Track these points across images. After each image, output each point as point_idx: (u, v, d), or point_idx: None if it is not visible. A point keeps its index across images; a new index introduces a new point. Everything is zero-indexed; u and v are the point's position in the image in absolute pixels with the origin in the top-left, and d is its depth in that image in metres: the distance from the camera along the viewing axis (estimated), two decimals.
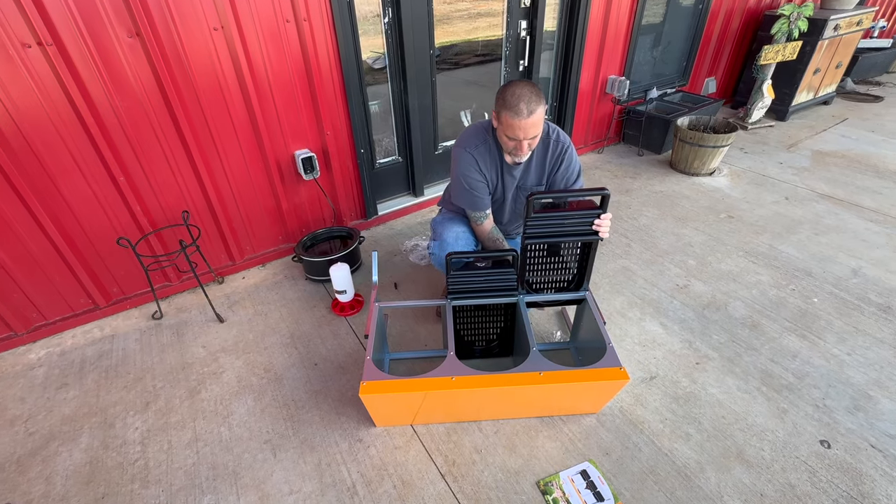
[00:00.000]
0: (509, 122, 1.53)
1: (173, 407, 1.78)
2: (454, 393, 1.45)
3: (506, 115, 1.53)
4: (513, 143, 1.60)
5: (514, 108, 1.51)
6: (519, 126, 1.53)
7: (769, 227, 2.78)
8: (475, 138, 1.74)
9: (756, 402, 1.74)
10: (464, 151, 1.74)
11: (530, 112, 1.51)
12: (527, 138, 1.56)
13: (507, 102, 1.51)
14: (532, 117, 1.52)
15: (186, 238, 2.20)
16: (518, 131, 1.54)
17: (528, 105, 1.51)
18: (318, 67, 2.21)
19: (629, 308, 2.19)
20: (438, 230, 1.88)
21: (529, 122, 1.52)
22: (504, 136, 1.61)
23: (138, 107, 1.88)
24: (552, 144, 1.75)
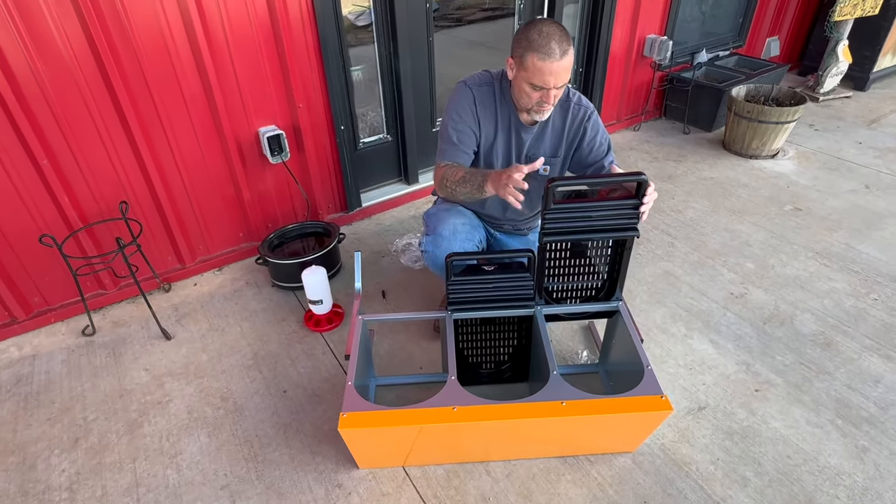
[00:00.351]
0: (537, 65, 1.52)
1: (109, 444, 1.78)
2: (456, 427, 1.45)
3: (532, 58, 1.52)
4: (538, 95, 1.59)
5: (543, 49, 1.50)
6: (550, 70, 1.52)
7: (845, 223, 2.78)
8: (482, 78, 1.75)
9: (829, 438, 1.73)
10: (463, 85, 1.75)
11: (563, 52, 1.51)
12: (557, 86, 1.56)
13: (534, 42, 1.51)
14: (565, 59, 1.52)
15: (125, 235, 2.20)
16: (548, 76, 1.53)
17: (561, 44, 1.50)
18: (287, 25, 2.21)
19: (672, 322, 2.19)
20: (432, 223, 1.88)
21: (562, 66, 1.52)
22: (526, 88, 1.59)
23: (66, 74, 1.88)
24: (572, 108, 1.75)
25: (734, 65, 4.11)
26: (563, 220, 1.51)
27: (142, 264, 2.29)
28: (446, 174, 1.70)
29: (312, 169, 2.61)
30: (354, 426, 1.42)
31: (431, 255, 1.85)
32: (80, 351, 2.14)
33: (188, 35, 2.03)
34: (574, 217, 1.51)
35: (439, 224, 1.85)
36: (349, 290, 2.43)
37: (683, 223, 2.82)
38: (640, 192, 1.48)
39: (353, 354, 1.62)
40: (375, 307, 2.33)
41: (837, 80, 4.19)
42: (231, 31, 2.11)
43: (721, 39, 4.15)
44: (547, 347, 1.61)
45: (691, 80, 3.67)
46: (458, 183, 1.65)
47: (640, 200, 1.48)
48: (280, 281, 2.41)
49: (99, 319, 2.30)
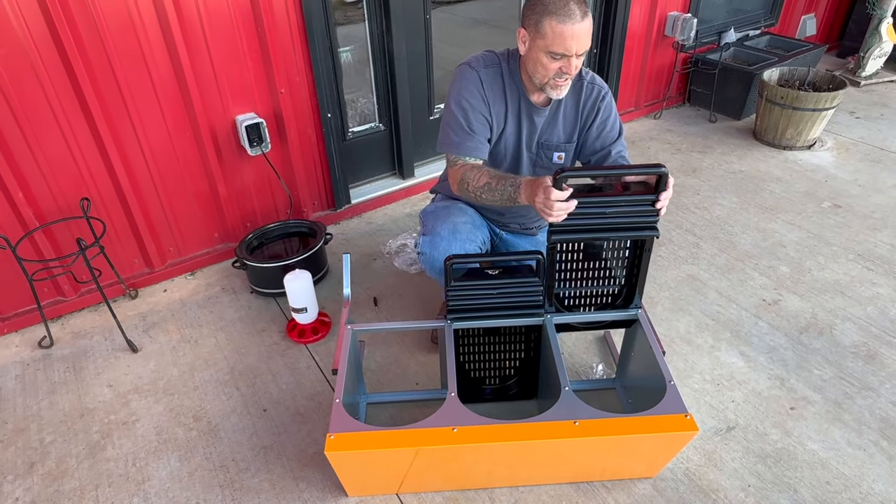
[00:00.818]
0: (557, 30, 1.51)
1: (68, 469, 1.77)
2: (456, 449, 1.45)
3: (551, 22, 1.52)
4: (557, 65, 1.57)
5: (562, 10, 1.50)
6: (572, 33, 1.51)
7: (891, 221, 2.78)
8: (487, 59, 1.76)
9: (873, 461, 1.73)
10: (467, 67, 1.74)
11: (584, 14, 1.51)
12: (579, 52, 1.56)
13: (551, 6, 1.51)
14: (586, 21, 1.52)
15: (87, 236, 2.20)
16: (570, 41, 1.52)
17: (580, 5, 1.51)
18: (268, 1, 2.21)
19: (697, 332, 2.19)
20: (430, 221, 1.88)
21: (584, 28, 1.52)
22: (543, 59, 1.58)
23: (21, 56, 1.88)
24: (586, 87, 1.77)
25: (766, 45, 4.12)
26: (575, 216, 1.49)
27: (105, 268, 2.29)
28: (467, 177, 1.70)
29: (296, 162, 2.61)
30: (343, 449, 1.42)
31: (429, 258, 1.85)
32: (35, 365, 2.14)
33: (157, 11, 2.03)
34: (586, 214, 1.50)
35: (437, 222, 1.84)
36: (337, 296, 2.43)
37: (710, 221, 2.82)
38: (659, 187, 1.47)
39: (341, 368, 1.62)
40: (366, 316, 2.33)
41: (881, 62, 4.20)
42: (206, 7, 2.11)
43: (751, 17, 4.16)
44: (558, 360, 1.60)
45: (718, 63, 3.68)
46: (482, 189, 1.67)
47: (657, 196, 1.48)
48: (260, 286, 2.40)
49: (57, 330, 2.29)
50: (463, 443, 1.42)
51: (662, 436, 1.45)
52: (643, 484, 1.68)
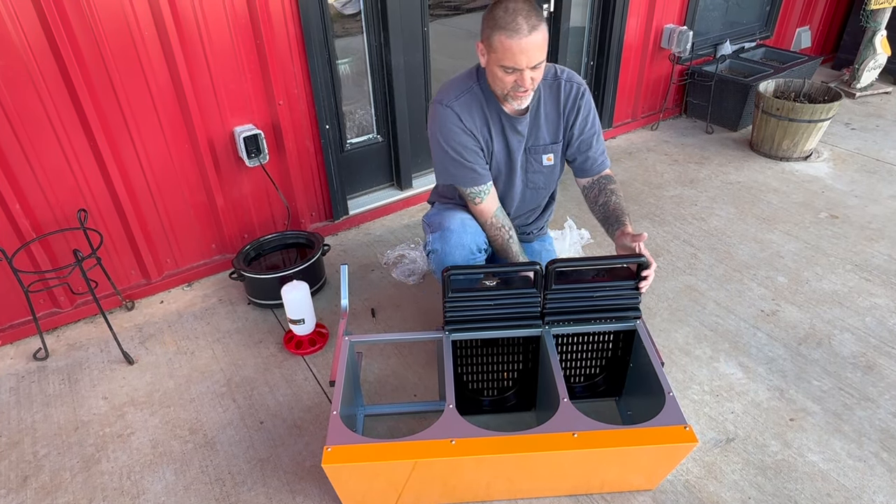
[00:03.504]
0: (505, 44, 1.54)
1: (62, 483, 1.76)
2: (455, 462, 1.44)
3: (500, 38, 1.55)
4: (512, 78, 1.61)
5: (510, 26, 1.52)
6: (519, 48, 1.54)
7: (888, 231, 2.80)
8: (455, 87, 1.77)
9: (874, 473, 1.73)
10: (439, 106, 1.76)
11: (532, 28, 1.53)
12: (530, 66, 1.58)
13: (500, 20, 1.54)
14: (535, 34, 1.54)
15: (84, 247, 2.20)
16: (519, 56, 1.55)
17: (529, 19, 1.53)
18: (267, 13, 2.23)
19: (696, 343, 2.19)
20: (437, 220, 1.88)
21: (532, 42, 1.54)
22: (498, 72, 1.62)
23: (20, 67, 1.89)
24: (563, 86, 1.79)
25: (761, 57, 4.16)
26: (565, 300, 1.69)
27: (102, 279, 2.29)
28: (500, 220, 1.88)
29: (294, 173, 2.61)
30: (340, 461, 1.41)
31: (440, 255, 1.83)
32: (30, 377, 2.13)
33: (156, 22, 2.05)
34: (575, 297, 1.69)
35: (445, 219, 1.85)
36: (334, 307, 2.43)
37: (707, 232, 2.83)
38: (638, 274, 1.64)
39: (338, 380, 1.61)
40: (364, 327, 2.33)
41: (875, 74, 4.24)
42: (205, 19, 2.12)
43: (746, 29, 4.20)
44: (556, 372, 1.60)
45: (714, 75, 3.71)
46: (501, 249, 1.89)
47: (637, 280, 1.65)
48: (257, 298, 2.40)
49: (53, 341, 2.28)
50: (461, 455, 1.42)
51: (662, 447, 1.45)
52: (643, 496, 1.67)
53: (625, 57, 3.52)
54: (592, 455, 1.46)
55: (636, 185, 3.27)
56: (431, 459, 1.42)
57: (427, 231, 1.95)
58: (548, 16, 3.14)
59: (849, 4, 4.67)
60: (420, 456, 1.41)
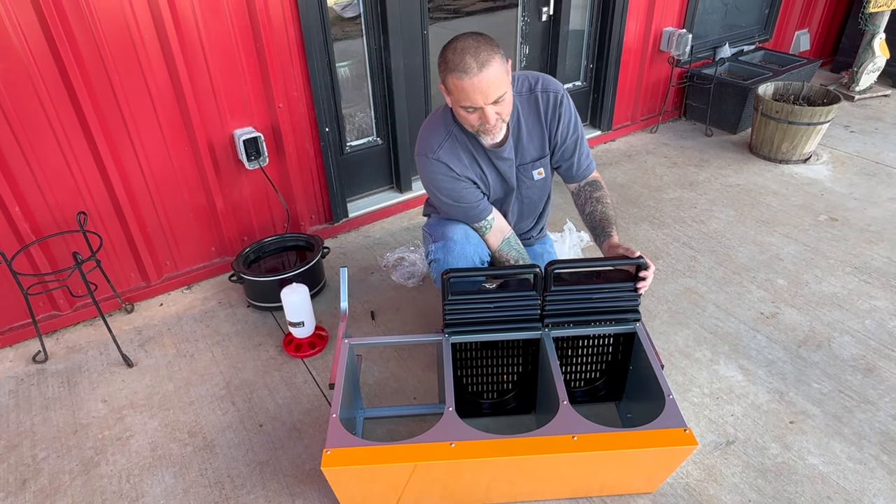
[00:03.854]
0: (458, 86, 1.53)
1: (61, 486, 1.76)
2: (454, 464, 1.44)
3: (452, 80, 1.54)
4: (475, 116, 1.59)
5: (459, 66, 1.50)
6: (472, 87, 1.51)
7: (887, 234, 2.80)
8: (435, 136, 1.75)
9: (874, 475, 1.73)
10: (426, 159, 1.75)
11: (482, 64, 1.50)
12: (488, 102, 1.54)
13: (450, 62, 1.53)
14: (486, 71, 1.50)
15: (83, 250, 2.20)
16: (474, 95, 1.53)
17: (477, 56, 1.50)
18: (267, 16, 2.24)
19: (696, 345, 2.19)
20: (438, 230, 1.88)
21: (484, 79, 1.50)
22: (461, 111, 1.60)
23: (20, 70, 1.89)
24: (540, 95, 1.76)
25: (760, 60, 4.17)
26: (564, 301, 1.69)
27: (101, 282, 2.28)
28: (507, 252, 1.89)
29: (293, 175, 2.61)
30: (339, 464, 1.41)
31: (443, 265, 1.83)
32: (29, 380, 2.13)
33: (155, 24, 2.05)
34: (574, 299, 1.69)
35: (448, 229, 1.85)
36: (334, 310, 2.43)
37: (707, 235, 2.83)
38: (639, 274, 1.65)
39: (338, 383, 1.61)
40: (363, 330, 2.32)
41: (874, 76, 4.25)
42: (204, 22, 2.13)
43: (745, 32, 4.21)
44: (556, 374, 1.60)
45: (713, 78, 3.72)
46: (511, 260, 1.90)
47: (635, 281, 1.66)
48: (256, 300, 2.40)
49: (52, 344, 2.28)
50: (461, 458, 1.42)
51: (661, 450, 1.45)
52: (643, 499, 1.67)
53: (624, 60, 3.53)
54: (592, 458, 1.46)
55: (636, 187, 3.27)
56: (431, 462, 1.41)
57: (429, 240, 1.95)
58: (547, 19, 3.15)
59: (847, 7, 4.68)
60: (420, 459, 1.41)
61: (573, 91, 3.55)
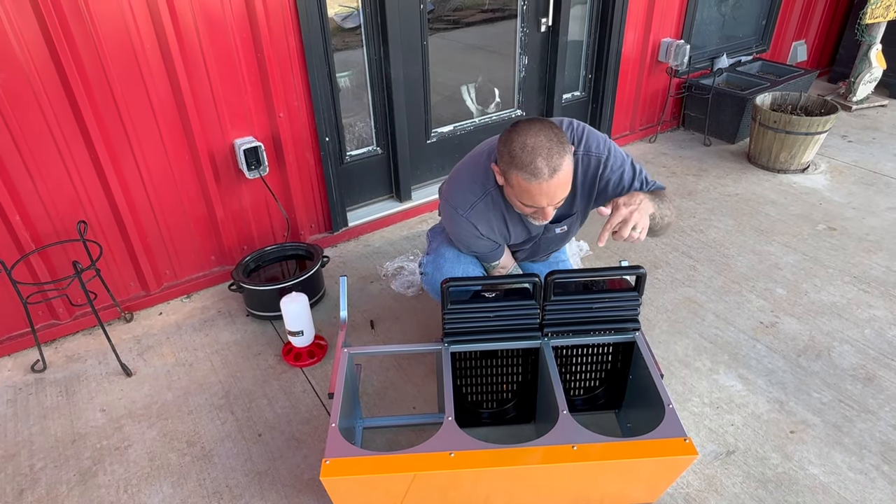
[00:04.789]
0: (524, 186, 1.43)
1: (58, 496, 1.75)
2: (454, 474, 1.43)
3: (517, 178, 1.43)
4: (531, 210, 1.54)
5: (528, 168, 1.40)
6: (539, 191, 1.43)
7: (885, 243, 2.80)
8: (470, 191, 1.67)
9: (875, 485, 1.72)
10: (455, 213, 1.70)
11: (554, 170, 1.40)
12: (552, 203, 1.48)
13: (517, 159, 1.41)
14: (557, 176, 1.41)
15: (83, 259, 2.20)
16: (540, 198, 1.45)
17: (550, 160, 1.39)
18: (267, 27, 2.25)
19: (696, 355, 2.19)
20: (436, 241, 1.89)
21: (553, 184, 1.42)
22: (516, 202, 1.54)
23: (22, 80, 1.90)
24: (581, 160, 1.66)
25: (758, 71, 4.19)
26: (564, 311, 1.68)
27: (101, 291, 2.28)
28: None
29: (293, 185, 2.62)
30: (339, 474, 1.40)
31: (431, 279, 1.85)
32: (28, 389, 2.12)
33: (157, 36, 2.06)
34: (574, 308, 1.69)
35: (444, 244, 1.85)
36: (333, 319, 2.42)
37: (706, 244, 2.83)
38: (638, 286, 1.63)
39: (337, 392, 1.61)
40: (363, 339, 2.32)
41: (871, 87, 4.27)
42: (206, 32, 2.14)
43: (743, 43, 4.24)
44: (556, 384, 1.60)
45: (711, 88, 3.74)
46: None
47: (639, 293, 1.64)
48: (256, 309, 2.40)
49: (51, 353, 2.28)
50: (460, 468, 1.41)
51: (661, 460, 1.44)
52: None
53: (623, 70, 3.55)
54: (592, 468, 1.45)
55: None
56: (430, 472, 1.41)
57: (427, 245, 1.96)
58: (546, 30, 3.17)
59: (844, 18, 4.72)
60: (419, 469, 1.41)
61: (572, 101, 3.57)
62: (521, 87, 3.28)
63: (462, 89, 3.14)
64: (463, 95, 3.15)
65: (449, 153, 3.16)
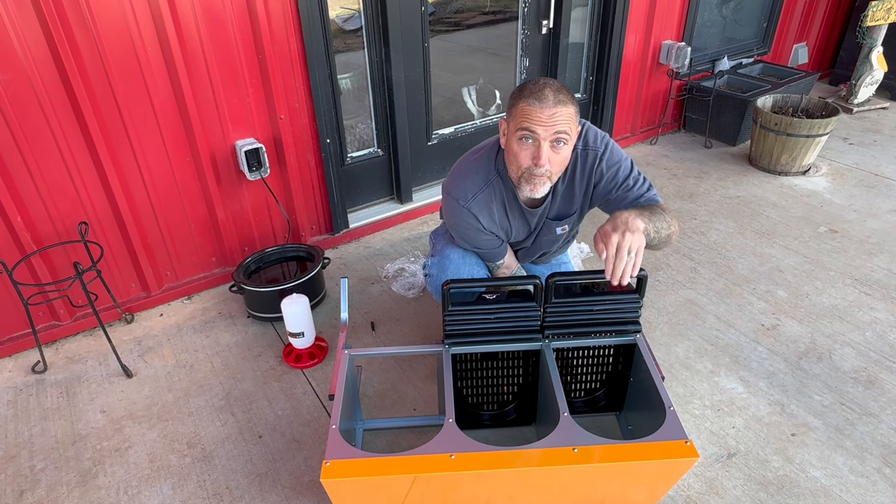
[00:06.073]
0: (527, 111, 1.50)
1: (58, 498, 1.75)
2: (454, 476, 1.43)
3: (522, 105, 1.51)
4: (528, 153, 1.53)
5: (534, 95, 1.49)
6: (541, 115, 1.48)
7: (887, 246, 2.80)
8: (472, 181, 1.70)
9: (876, 488, 1.72)
10: (456, 204, 1.72)
11: (558, 101, 1.49)
12: (548, 137, 1.50)
13: (527, 90, 1.52)
14: (560, 107, 1.48)
15: (84, 260, 2.20)
16: (539, 123, 1.48)
17: (557, 94, 1.49)
18: (269, 29, 2.26)
19: (696, 357, 2.19)
20: (440, 243, 1.89)
21: (555, 113, 1.48)
22: (515, 145, 1.54)
23: (24, 81, 1.91)
24: (580, 154, 1.69)
25: (759, 73, 4.20)
26: (565, 313, 1.68)
27: (102, 292, 2.29)
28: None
29: (294, 186, 2.62)
30: (339, 476, 1.40)
31: (436, 280, 1.85)
32: (28, 390, 2.12)
33: (159, 38, 2.07)
34: (575, 310, 1.69)
35: (448, 245, 1.86)
36: (334, 321, 2.42)
37: (707, 246, 2.83)
38: (640, 289, 1.65)
39: (337, 394, 1.61)
40: (364, 341, 2.32)
41: (872, 89, 4.28)
42: (207, 34, 2.14)
43: (744, 46, 4.24)
44: (556, 386, 1.60)
45: (712, 90, 3.74)
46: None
47: (640, 296, 1.66)
48: (256, 311, 2.40)
49: (51, 354, 2.28)
50: (461, 470, 1.41)
51: (662, 462, 1.44)
52: None
53: (624, 72, 3.55)
54: (593, 470, 1.45)
55: None
56: (431, 474, 1.41)
57: (431, 248, 1.96)
58: (547, 32, 3.18)
59: (845, 21, 4.72)
60: (419, 471, 1.41)
61: None
62: None
63: (463, 91, 3.15)
64: (464, 97, 3.16)
65: (450, 155, 3.17)
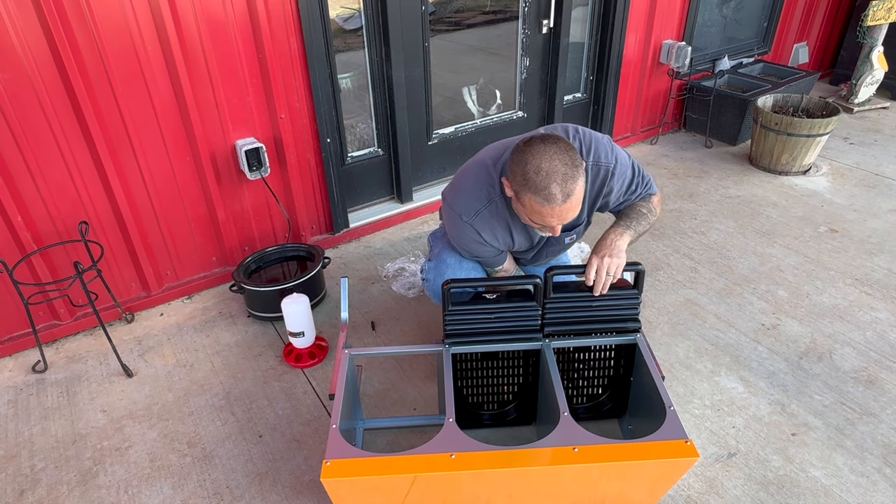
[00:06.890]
0: (537, 209, 1.45)
1: (59, 497, 1.75)
2: (454, 476, 1.43)
3: (531, 200, 1.44)
4: (539, 226, 1.56)
5: (542, 193, 1.41)
6: (552, 214, 1.45)
7: (887, 245, 2.80)
8: (475, 199, 1.66)
9: (877, 488, 1.72)
10: (458, 219, 1.69)
11: (567, 195, 1.41)
12: (563, 222, 1.51)
13: (532, 183, 1.42)
14: (570, 200, 1.43)
15: (84, 259, 2.20)
16: (549, 219, 1.48)
17: (564, 185, 1.40)
18: (269, 28, 2.26)
19: (697, 357, 2.19)
20: (438, 246, 1.89)
21: (566, 209, 1.45)
22: (525, 218, 1.55)
23: (24, 81, 1.91)
24: (591, 169, 1.66)
25: (759, 73, 4.19)
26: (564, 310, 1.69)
27: (102, 292, 2.29)
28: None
29: (295, 186, 2.62)
30: (339, 475, 1.40)
31: (433, 284, 1.85)
32: (29, 390, 2.12)
33: (160, 38, 2.07)
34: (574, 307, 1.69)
35: (446, 249, 1.86)
36: (334, 320, 2.42)
37: (707, 246, 2.83)
38: (637, 283, 1.65)
39: (338, 394, 1.61)
40: (364, 340, 2.32)
41: (873, 89, 4.27)
42: (207, 33, 2.14)
43: (744, 45, 4.24)
44: (556, 385, 1.60)
45: (713, 90, 3.74)
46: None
47: (639, 290, 1.67)
48: (257, 310, 2.40)
49: (52, 354, 2.28)
50: (461, 469, 1.41)
51: (662, 462, 1.44)
52: None
53: (624, 72, 3.55)
54: (593, 470, 1.45)
55: None
56: (431, 474, 1.41)
57: (429, 250, 1.96)
58: (547, 32, 3.18)
59: (846, 21, 4.72)
60: (419, 470, 1.41)
61: (573, 103, 3.57)
62: (523, 89, 3.28)
63: (463, 91, 3.15)
64: (464, 97, 3.16)
65: (450, 155, 3.17)
